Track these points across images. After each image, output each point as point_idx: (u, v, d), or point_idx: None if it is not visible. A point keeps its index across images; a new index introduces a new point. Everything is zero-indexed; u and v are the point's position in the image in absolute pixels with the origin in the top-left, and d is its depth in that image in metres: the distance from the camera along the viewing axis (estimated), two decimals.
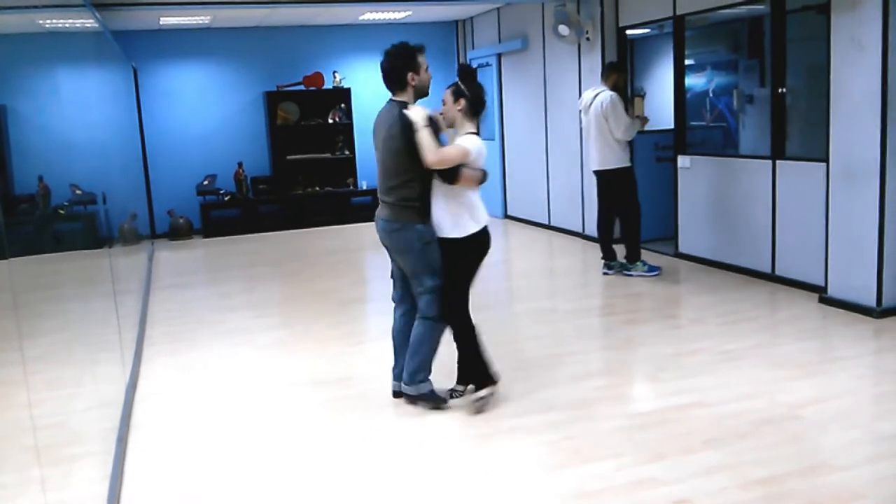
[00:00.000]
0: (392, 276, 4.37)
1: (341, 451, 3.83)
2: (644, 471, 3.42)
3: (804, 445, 3.61)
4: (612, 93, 6.96)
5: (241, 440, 4.02)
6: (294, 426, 4.17)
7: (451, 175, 3.97)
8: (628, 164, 7.07)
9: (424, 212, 4.08)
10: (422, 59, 4.16)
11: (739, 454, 3.52)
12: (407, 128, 3.97)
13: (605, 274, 7.29)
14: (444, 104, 4.15)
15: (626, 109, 7.15)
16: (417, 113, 3.99)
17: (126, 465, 3.77)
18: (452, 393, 4.33)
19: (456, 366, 4.38)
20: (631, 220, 7.14)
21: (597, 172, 7.20)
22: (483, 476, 3.49)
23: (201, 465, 3.77)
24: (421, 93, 4.18)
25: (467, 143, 4.02)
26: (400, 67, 4.12)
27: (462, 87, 4.13)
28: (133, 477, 3.66)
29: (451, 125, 4.18)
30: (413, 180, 4.04)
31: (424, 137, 3.93)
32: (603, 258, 7.33)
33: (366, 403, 4.40)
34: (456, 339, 4.21)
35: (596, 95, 7.04)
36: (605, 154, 7.03)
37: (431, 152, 3.92)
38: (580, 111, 7.34)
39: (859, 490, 3.18)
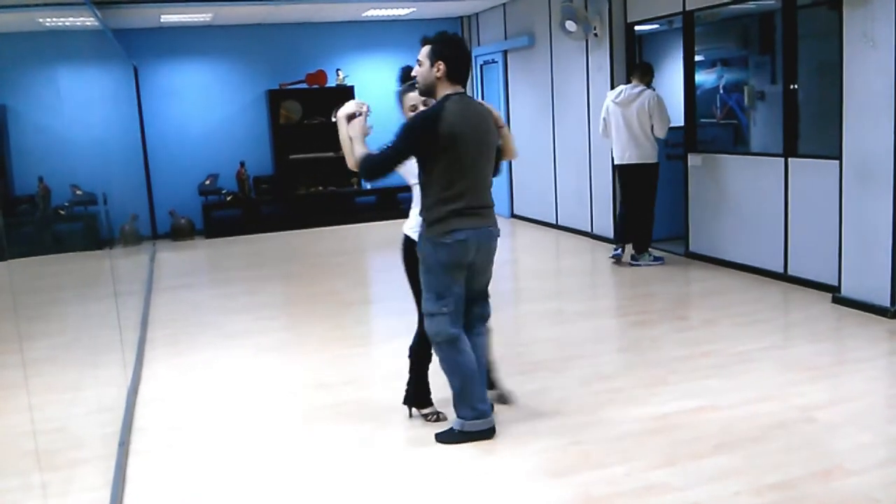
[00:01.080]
0: (456, 305, 3.76)
1: (344, 455, 3.77)
2: (654, 476, 3.35)
3: (817, 449, 3.55)
4: (656, 92, 7.26)
5: (244, 444, 3.97)
6: (297, 431, 4.11)
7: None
8: (656, 160, 7.37)
9: None
10: None
11: (752, 458, 3.47)
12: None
13: (611, 258, 7.57)
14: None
15: None
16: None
17: (128, 470, 3.72)
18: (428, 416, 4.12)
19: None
20: (650, 213, 7.41)
21: (629, 167, 7.37)
22: (490, 480, 3.43)
23: (204, 470, 3.72)
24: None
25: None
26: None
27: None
28: (135, 482, 3.61)
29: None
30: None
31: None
32: (615, 242, 7.63)
33: (369, 407, 4.34)
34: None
35: (641, 92, 7.24)
36: (645, 149, 7.27)
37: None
38: (613, 102, 7.38)
39: (873, 494, 3.12)
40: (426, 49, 3.69)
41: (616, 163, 7.49)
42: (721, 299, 6.21)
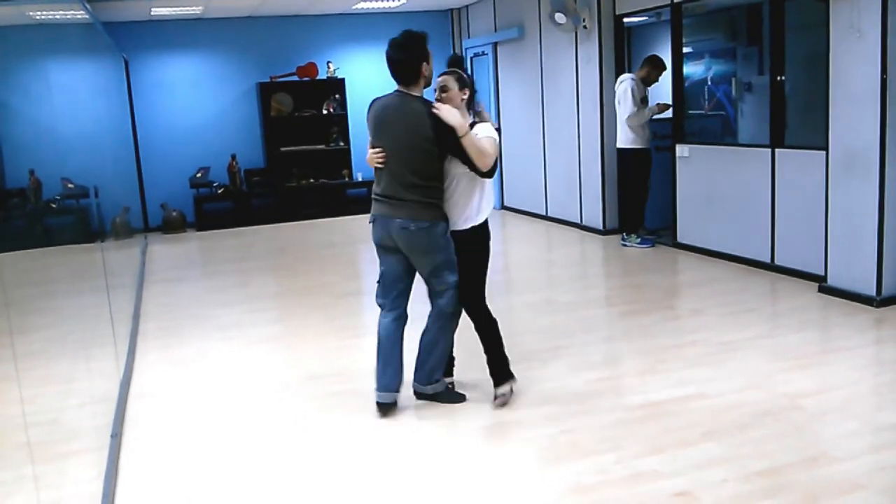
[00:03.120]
0: (383, 280, 4.11)
1: (336, 446, 3.80)
2: (644, 463, 3.39)
3: (804, 436, 3.59)
4: (631, 81, 7.67)
5: (237, 436, 3.99)
6: (289, 422, 4.13)
7: (493, 168, 3.91)
8: (639, 147, 7.73)
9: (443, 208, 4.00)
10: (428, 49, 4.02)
11: (739, 446, 3.51)
12: (442, 132, 3.81)
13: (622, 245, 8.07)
14: (444, 91, 3.94)
15: (645, 100, 7.79)
16: (453, 116, 3.79)
17: (121, 462, 3.73)
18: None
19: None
20: (634, 196, 7.88)
21: (616, 150, 8.07)
22: (481, 470, 3.46)
23: (196, 461, 3.74)
24: (427, 83, 4.02)
25: (493, 133, 3.92)
26: (414, 58, 3.90)
27: (465, 75, 4.01)
28: (128, 474, 3.62)
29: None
30: (441, 180, 3.95)
31: (475, 142, 3.82)
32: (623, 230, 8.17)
33: (361, 398, 4.35)
34: (481, 333, 4.16)
35: (622, 81, 7.76)
36: (621, 134, 7.82)
37: (488, 156, 3.83)
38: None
39: (859, 481, 3.16)
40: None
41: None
42: (709, 289, 6.25)
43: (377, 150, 3.96)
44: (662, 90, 8.11)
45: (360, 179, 11.54)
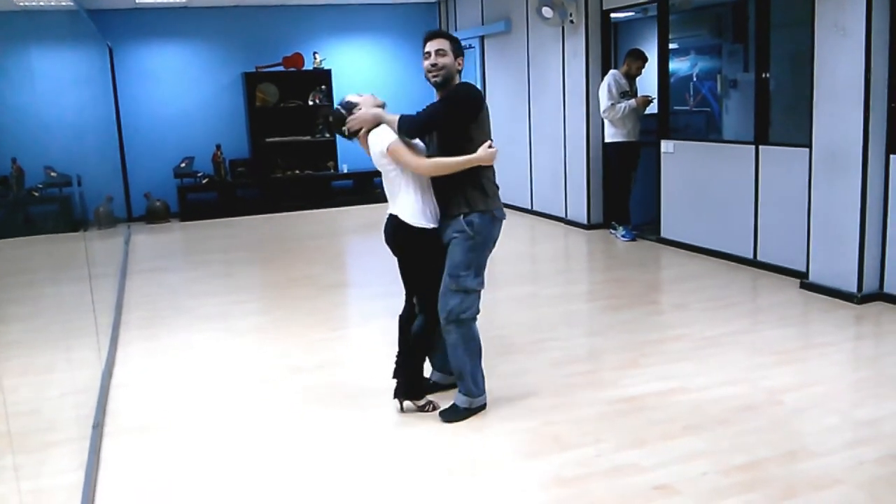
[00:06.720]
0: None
1: (317, 438, 3.80)
2: (624, 457, 3.41)
3: (784, 431, 3.62)
4: (611, 76, 7.80)
5: (219, 427, 3.98)
6: (272, 413, 4.13)
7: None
8: (620, 140, 7.87)
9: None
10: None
11: (720, 440, 3.53)
12: None
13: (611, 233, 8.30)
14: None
15: (624, 94, 7.84)
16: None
17: (102, 452, 3.72)
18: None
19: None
20: (619, 189, 8.07)
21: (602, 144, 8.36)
22: (462, 462, 3.47)
23: (178, 452, 3.73)
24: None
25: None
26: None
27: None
28: (109, 463, 3.62)
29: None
30: None
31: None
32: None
33: (344, 390, 4.36)
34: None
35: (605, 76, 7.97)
36: (606, 129, 8.03)
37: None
38: None
39: (838, 476, 3.19)
40: (448, 42, 3.79)
41: None
42: (692, 284, 6.29)
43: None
44: (649, 85, 8.13)
45: (345, 171, 11.51)
